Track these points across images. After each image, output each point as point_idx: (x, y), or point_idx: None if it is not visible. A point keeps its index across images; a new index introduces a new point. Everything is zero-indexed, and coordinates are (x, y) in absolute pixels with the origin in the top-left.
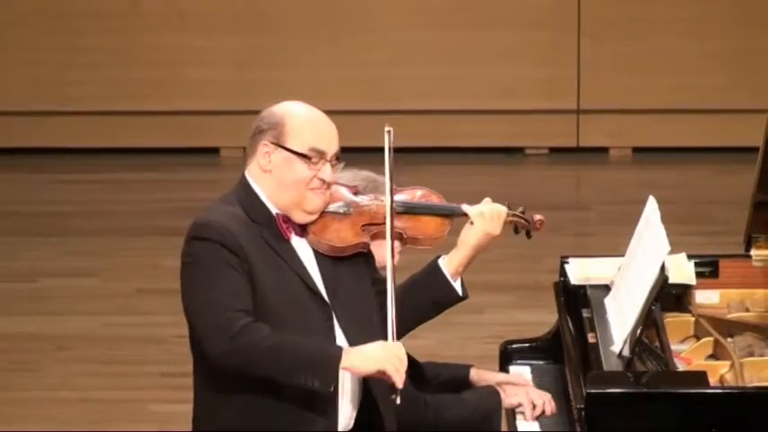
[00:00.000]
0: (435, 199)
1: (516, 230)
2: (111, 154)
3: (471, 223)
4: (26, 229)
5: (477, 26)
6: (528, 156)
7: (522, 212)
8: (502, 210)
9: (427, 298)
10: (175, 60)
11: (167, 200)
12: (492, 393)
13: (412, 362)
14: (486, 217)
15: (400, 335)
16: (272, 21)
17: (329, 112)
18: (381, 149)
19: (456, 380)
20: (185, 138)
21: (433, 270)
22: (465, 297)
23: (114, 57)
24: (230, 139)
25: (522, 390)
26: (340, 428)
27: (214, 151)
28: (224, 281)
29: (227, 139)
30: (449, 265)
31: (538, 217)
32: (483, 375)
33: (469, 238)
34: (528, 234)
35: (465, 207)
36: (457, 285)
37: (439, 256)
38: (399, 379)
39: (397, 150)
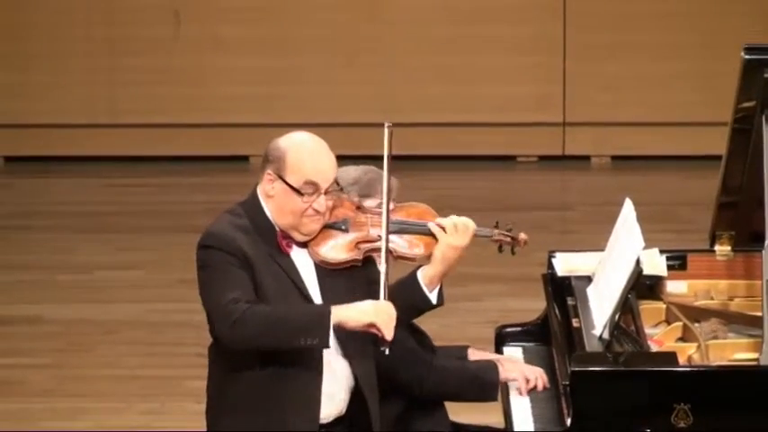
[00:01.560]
0: (430, 217)
1: (501, 249)
2: (156, 161)
3: (435, 238)
4: (82, 227)
5: (476, 51)
6: (519, 163)
7: (509, 230)
8: (469, 224)
9: (406, 303)
10: (211, 79)
11: (203, 201)
12: (491, 366)
13: (416, 330)
14: (447, 230)
15: None
16: (295, 45)
17: (345, 125)
18: (395, 158)
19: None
20: (219, 147)
21: (412, 280)
22: (440, 304)
23: (158, 76)
24: (259, 148)
25: (517, 366)
26: (334, 413)
27: (244, 159)
28: (228, 278)
29: (256, 148)
30: (425, 277)
31: (523, 236)
32: (479, 355)
33: (437, 253)
34: (512, 251)
35: (430, 225)
36: (432, 295)
37: (420, 266)
38: (388, 332)
39: (405, 158)
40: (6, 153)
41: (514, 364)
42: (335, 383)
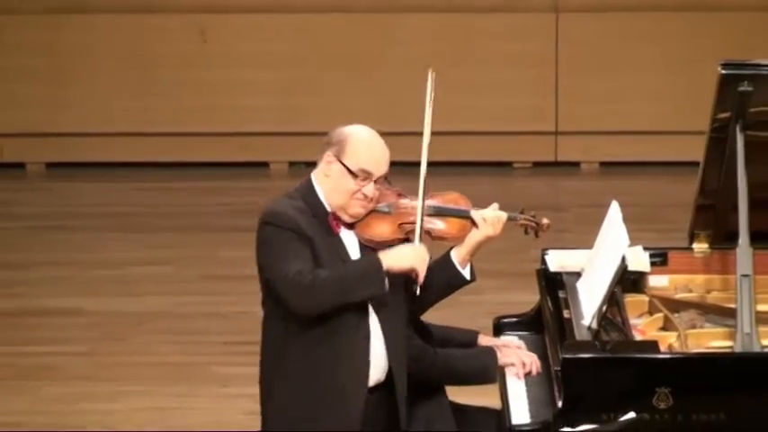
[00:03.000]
0: (463, 203)
1: (526, 231)
2: (182, 167)
3: (476, 225)
4: (114, 227)
5: (476, 66)
6: (515, 169)
7: (533, 216)
8: (502, 216)
9: (442, 280)
10: (234, 91)
11: (226, 204)
12: (490, 351)
13: (421, 324)
14: (487, 222)
15: (421, 311)
16: (311, 59)
17: None
18: (402, 164)
19: (467, 343)
20: (240, 154)
21: (446, 259)
22: (473, 280)
23: (185, 88)
24: (277, 154)
25: (514, 351)
26: (374, 378)
27: (264, 165)
28: (291, 252)
29: (274, 155)
30: (457, 255)
31: (545, 221)
32: (488, 340)
33: (473, 236)
34: (536, 234)
35: (472, 212)
36: (465, 271)
37: (452, 248)
38: (423, 274)
39: (410, 164)
40: (48, 160)
41: (512, 350)
42: (376, 354)
